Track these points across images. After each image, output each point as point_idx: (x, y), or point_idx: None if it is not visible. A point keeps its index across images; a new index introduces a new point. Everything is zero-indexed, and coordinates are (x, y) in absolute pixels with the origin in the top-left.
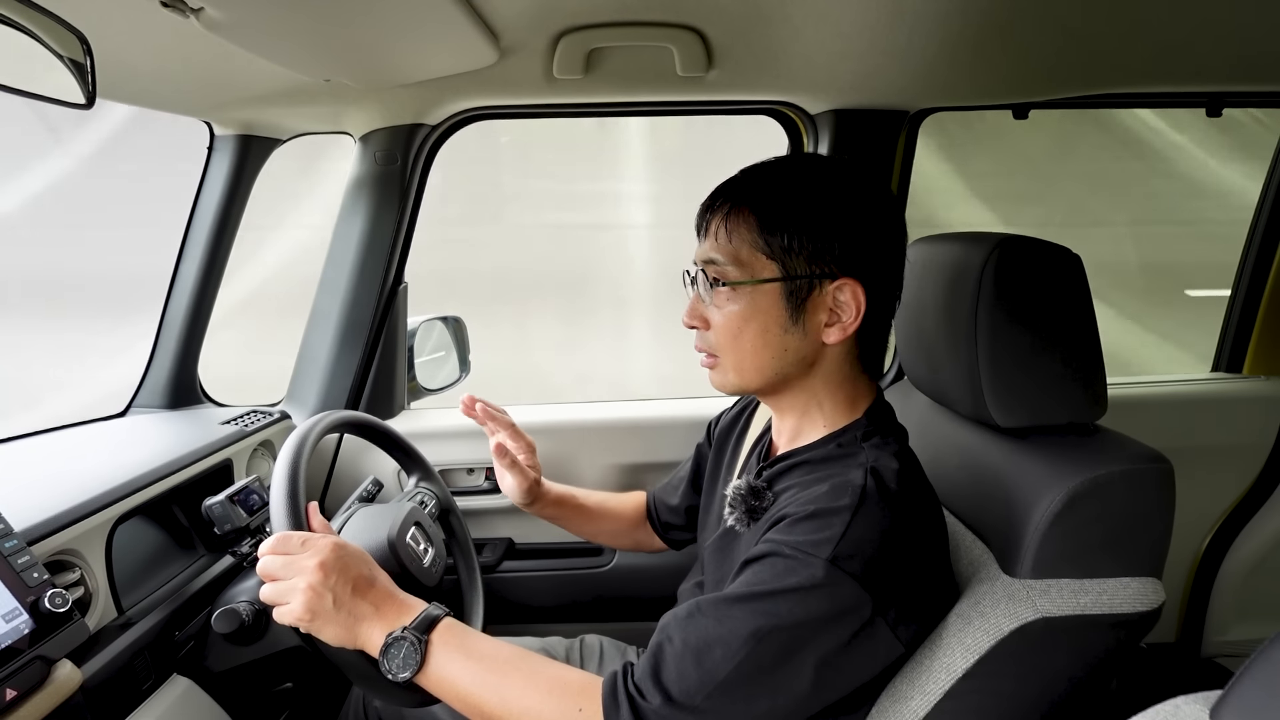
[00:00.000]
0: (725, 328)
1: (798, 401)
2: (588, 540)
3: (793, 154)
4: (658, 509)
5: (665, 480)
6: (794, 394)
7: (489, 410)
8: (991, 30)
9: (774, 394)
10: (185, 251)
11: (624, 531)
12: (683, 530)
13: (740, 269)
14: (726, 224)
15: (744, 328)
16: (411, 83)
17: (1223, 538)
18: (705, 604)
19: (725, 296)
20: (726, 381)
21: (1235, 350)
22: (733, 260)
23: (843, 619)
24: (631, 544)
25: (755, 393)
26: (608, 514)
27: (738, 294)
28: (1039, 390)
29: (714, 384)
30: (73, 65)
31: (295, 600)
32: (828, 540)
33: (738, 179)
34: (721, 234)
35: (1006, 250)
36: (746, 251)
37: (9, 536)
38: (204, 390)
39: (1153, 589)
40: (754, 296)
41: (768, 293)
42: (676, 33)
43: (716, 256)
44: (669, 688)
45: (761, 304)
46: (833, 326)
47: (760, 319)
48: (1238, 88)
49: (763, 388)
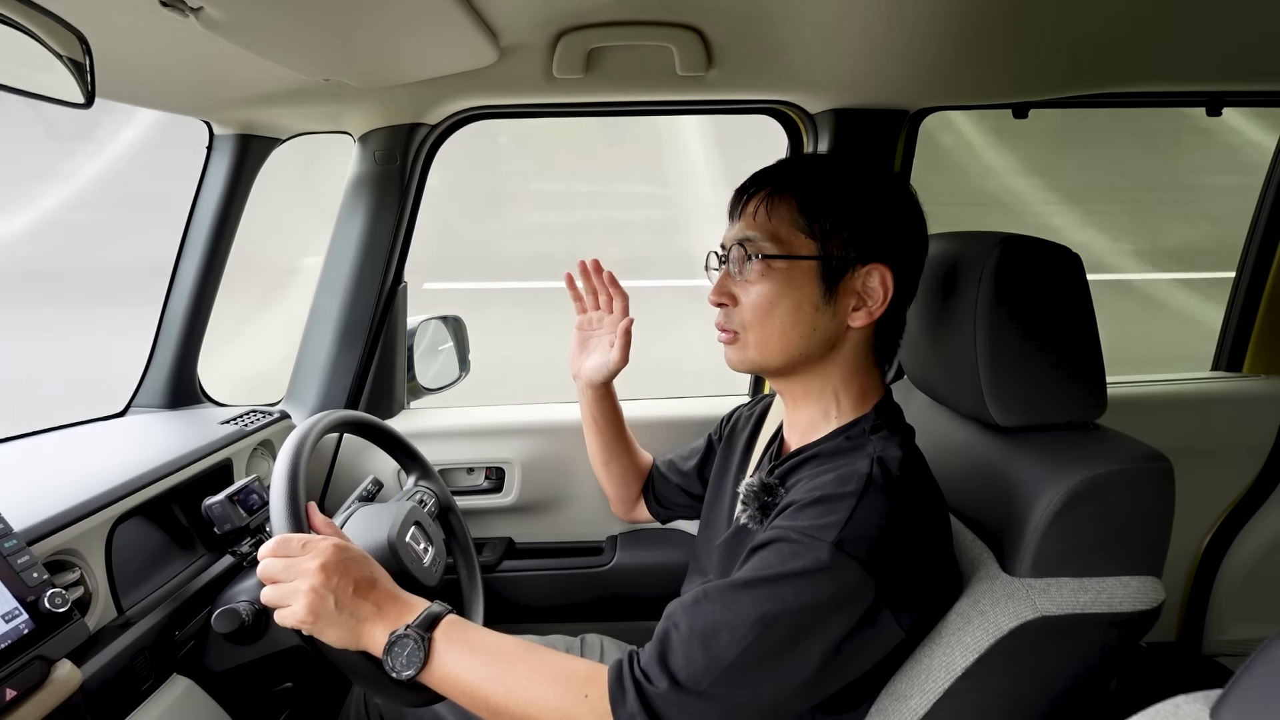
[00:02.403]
0: (757, 304)
1: (812, 392)
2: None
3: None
4: (654, 478)
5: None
6: (808, 380)
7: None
8: (992, 30)
9: (788, 376)
10: (184, 251)
11: (627, 479)
12: (671, 504)
13: (778, 245)
14: (767, 205)
15: (777, 303)
16: (411, 82)
17: (1223, 537)
18: (712, 590)
19: (759, 272)
20: (745, 359)
21: (1235, 349)
22: (771, 237)
23: (847, 603)
24: (623, 495)
25: (772, 373)
26: (629, 452)
27: (773, 270)
28: (1039, 389)
29: (731, 360)
30: (72, 65)
31: (297, 603)
32: (833, 525)
33: (777, 167)
34: (761, 214)
35: (1007, 249)
36: (786, 229)
37: (9, 536)
38: (203, 390)
39: (1152, 588)
40: (790, 273)
41: (804, 270)
42: (676, 32)
43: (753, 234)
44: (676, 672)
45: (797, 280)
46: (859, 310)
47: (794, 295)
48: (1238, 88)
49: (782, 367)
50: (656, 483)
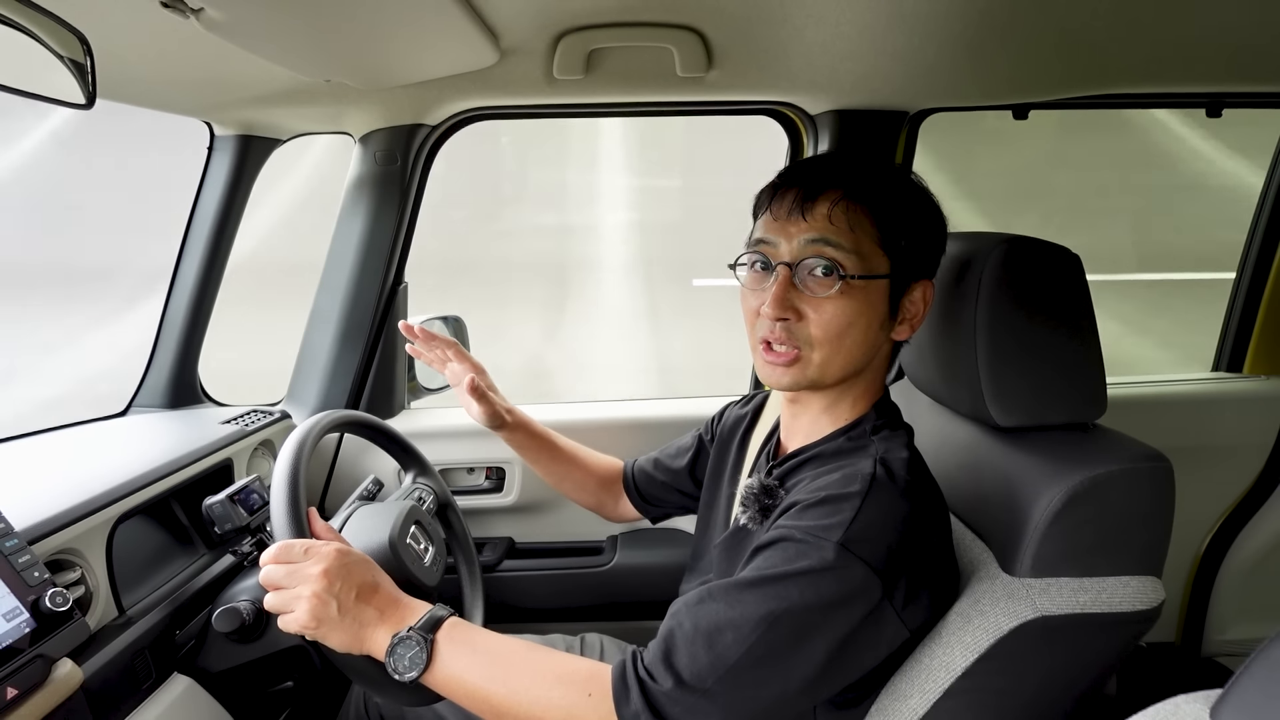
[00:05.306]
0: (832, 322)
1: (826, 396)
2: (553, 484)
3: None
4: (636, 479)
5: (652, 453)
6: (835, 389)
7: (427, 333)
8: (992, 31)
9: (828, 389)
10: (185, 251)
11: (589, 487)
12: (659, 502)
13: (862, 261)
14: (846, 213)
15: (854, 323)
16: (412, 83)
17: (1223, 537)
18: (716, 589)
19: (840, 290)
20: (803, 377)
21: (1235, 350)
22: (855, 250)
23: (852, 602)
24: (593, 502)
25: (824, 388)
26: (578, 462)
27: (852, 288)
28: (1039, 390)
29: (782, 381)
30: (73, 65)
31: (300, 608)
32: (839, 524)
33: (838, 168)
34: (841, 221)
35: (1007, 250)
36: (869, 245)
37: (9, 536)
38: (204, 390)
39: (1152, 588)
40: (868, 292)
41: (879, 289)
42: (676, 33)
43: (840, 242)
44: (680, 671)
45: (873, 299)
46: (903, 324)
47: (869, 315)
48: (1238, 88)
49: (836, 382)
50: (639, 482)
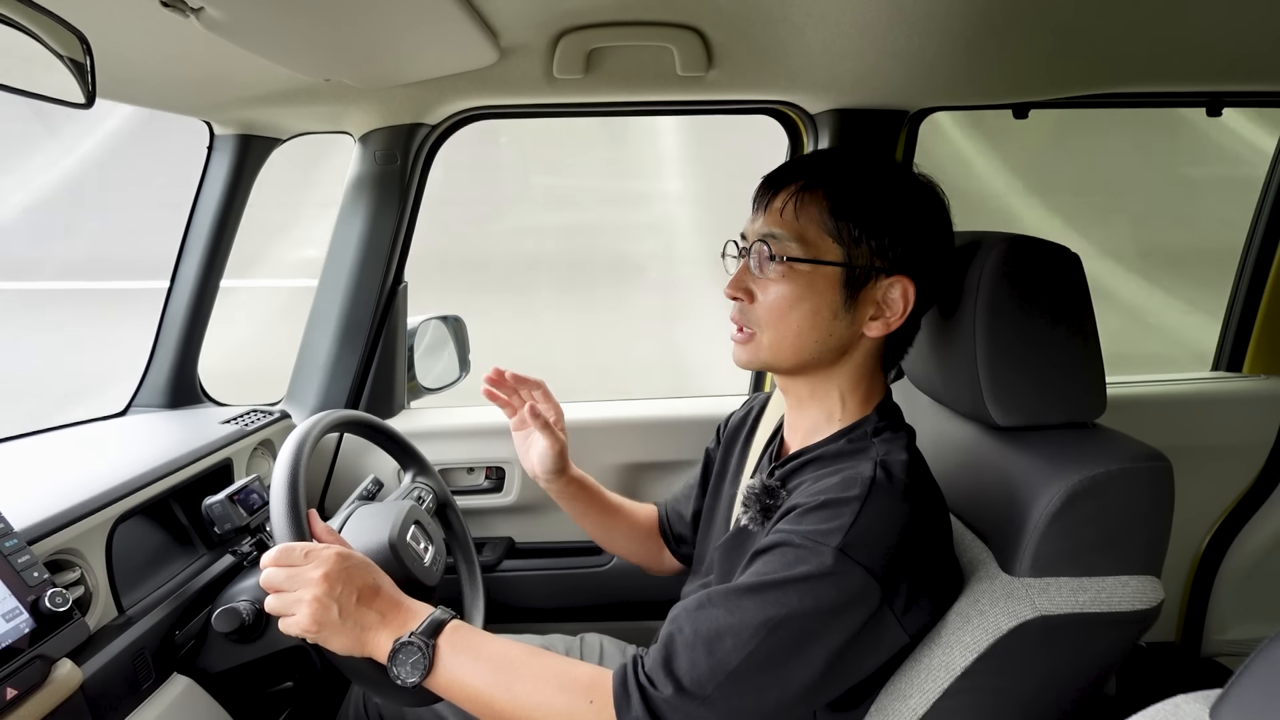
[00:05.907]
0: (774, 304)
1: (818, 394)
2: (594, 540)
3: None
4: (670, 520)
5: (675, 490)
6: (815, 383)
7: (519, 378)
8: (991, 30)
9: (796, 377)
10: (185, 251)
11: (635, 539)
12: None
13: (804, 247)
14: (796, 202)
15: (795, 306)
16: (411, 82)
17: (1223, 537)
18: (716, 594)
19: (780, 273)
20: (756, 358)
21: (1235, 349)
22: (797, 238)
23: (852, 607)
24: (640, 555)
25: (781, 372)
26: (624, 515)
27: (795, 272)
28: (1038, 389)
29: (739, 358)
30: (72, 65)
31: (301, 612)
32: (838, 529)
33: (808, 161)
34: (789, 211)
35: (1006, 249)
36: (814, 232)
37: (9, 536)
38: (204, 389)
39: (1151, 587)
40: (812, 277)
41: (827, 276)
42: (676, 32)
43: (779, 231)
44: (680, 677)
45: (819, 286)
46: (877, 321)
47: (814, 300)
48: (1238, 88)
49: (791, 369)
50: (674, 525)
